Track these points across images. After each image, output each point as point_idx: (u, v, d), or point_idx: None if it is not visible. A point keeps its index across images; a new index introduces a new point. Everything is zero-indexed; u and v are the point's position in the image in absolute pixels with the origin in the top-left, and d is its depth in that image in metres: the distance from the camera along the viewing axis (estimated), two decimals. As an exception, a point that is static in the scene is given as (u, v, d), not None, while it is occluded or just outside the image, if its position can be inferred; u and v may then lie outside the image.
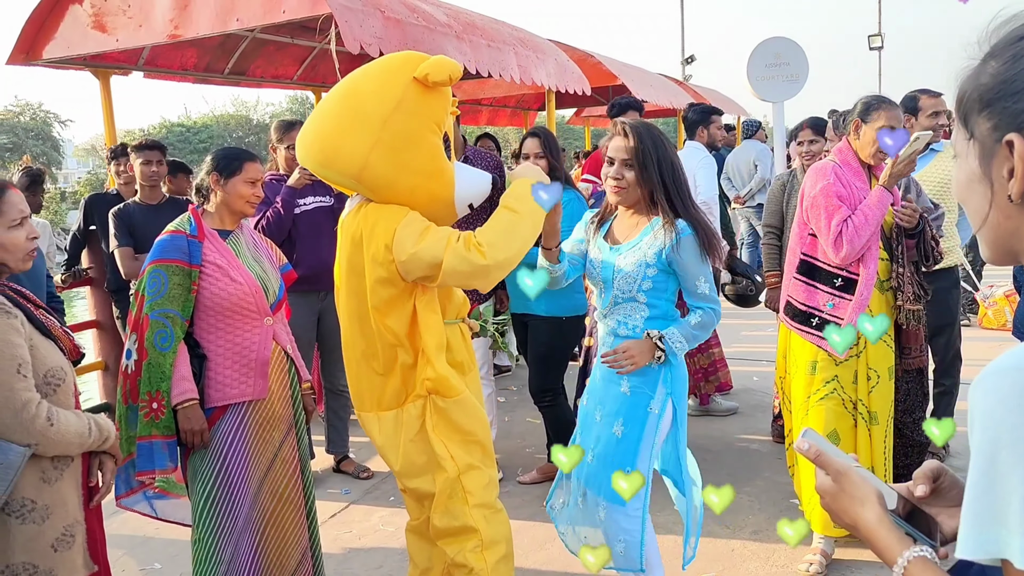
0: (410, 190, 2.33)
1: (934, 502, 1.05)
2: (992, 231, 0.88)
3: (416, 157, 2.30)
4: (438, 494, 2.43)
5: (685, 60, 28.16)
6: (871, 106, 3.09)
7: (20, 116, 36.70)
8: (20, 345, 1.96)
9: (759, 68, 7.46)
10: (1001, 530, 0.74)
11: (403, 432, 2.43)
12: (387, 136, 2.26)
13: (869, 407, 3.18)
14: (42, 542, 2.03)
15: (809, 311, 3.18)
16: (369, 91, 2.31)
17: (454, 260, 2.23)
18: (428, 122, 2.31)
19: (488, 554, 2.43)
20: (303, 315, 4.09)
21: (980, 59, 0.87)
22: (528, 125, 12.18)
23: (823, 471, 1.06)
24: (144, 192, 4.69)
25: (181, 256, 2.62)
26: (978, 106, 0.86)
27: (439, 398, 2.41)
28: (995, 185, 0.85)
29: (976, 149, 0.87)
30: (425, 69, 2.27)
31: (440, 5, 5.61)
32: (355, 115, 2.29)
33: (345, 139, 2.29)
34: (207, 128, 37.77)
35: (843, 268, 3.10)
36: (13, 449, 1.94)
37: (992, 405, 0.77)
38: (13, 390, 1.92)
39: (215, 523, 2.67)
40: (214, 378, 2.68)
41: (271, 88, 7.61)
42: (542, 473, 4.28)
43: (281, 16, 4.33)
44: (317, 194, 4.18)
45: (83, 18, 4.79)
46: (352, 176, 2.32)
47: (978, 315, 7.15)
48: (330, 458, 4.60)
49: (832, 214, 3.05)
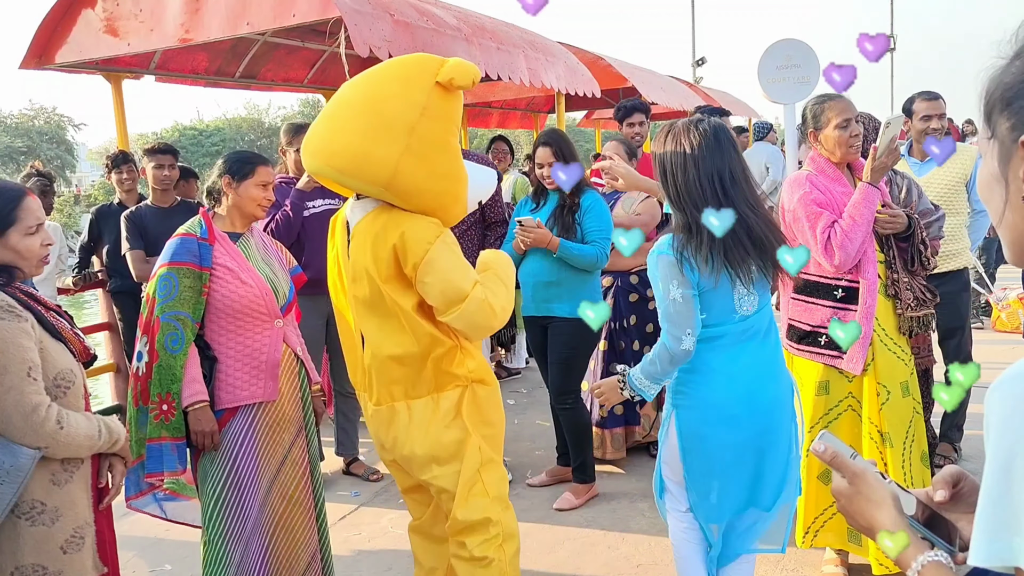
0: (437, 195, 2.33)
1: (953, 507, 1.04)
2: (1009, 231, 0.86)
3: (444, 162, 2.31)
4: (460, 486, 2.41)
5: (696, 62, 28.11)
6: (817, 112, 2.99)
7: (34, 120, 36.97)
8: (30, 348, 1.97)
9: (770, 70, 7.40)
10: (1015, 538, 0.73)
11: (439, 418, 2.42)
12: (415, 143, 2.25)
13: (880, 426, 2.97)
14: (51, 544, 2.04)
15: (814, 330, 3.00)
16: (392, 97, 2.27)
17: (469, 308, 2.28)
18: (451, 126, 2.33)
19: (507, 546, 2.44)
20: (312, 318, 4.11)
21: (1008, 58, 0.85)
22: (539, 128, 12.18)
23: (839, 474, 1.06)
24: (156, 195, 4.73)
25: (192, 259, 2.64)
26: (1000, 105, 0.84)
27: (480, 386, 2.46)
28: (1011, 186, 0.84)
29: (996, 149, 0.86)
30: (449, 73, 2.26)
31: (449, 8, 5.62)
32: (381, 122, 2.26)
33: (373, 147, 2.25)
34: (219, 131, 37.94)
35: (842, 277, 2.94)
36: (23, 452, 1.95)
37: (1008, 412, 0.76)
38: (23, 393, 1.94)
39: (225, 525, 2.68)
40: (224, 380, 2.69)
41: (281, 91, 7.64)
42: (552, 476, 4.28)
43: (291, 20, 4.35)
44: (326, 197, 4.19)
45: (95, 22, 4.83)
46: (382, 184, 2.28)
47: (991, 318, 7.10)
48: (339, 460, 4.61)
49: (815, 222, 2.89)
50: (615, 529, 3.73)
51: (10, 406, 1.93)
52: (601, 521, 3.81)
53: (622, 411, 4.39)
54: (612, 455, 4.38)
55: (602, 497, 4.07)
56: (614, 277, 4.36)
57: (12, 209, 2.04)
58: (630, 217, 4.26)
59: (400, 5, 4.73)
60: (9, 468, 1.94)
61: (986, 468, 0.78)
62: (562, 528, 3.74)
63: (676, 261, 2.30)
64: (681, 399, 2.46)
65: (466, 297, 2.25)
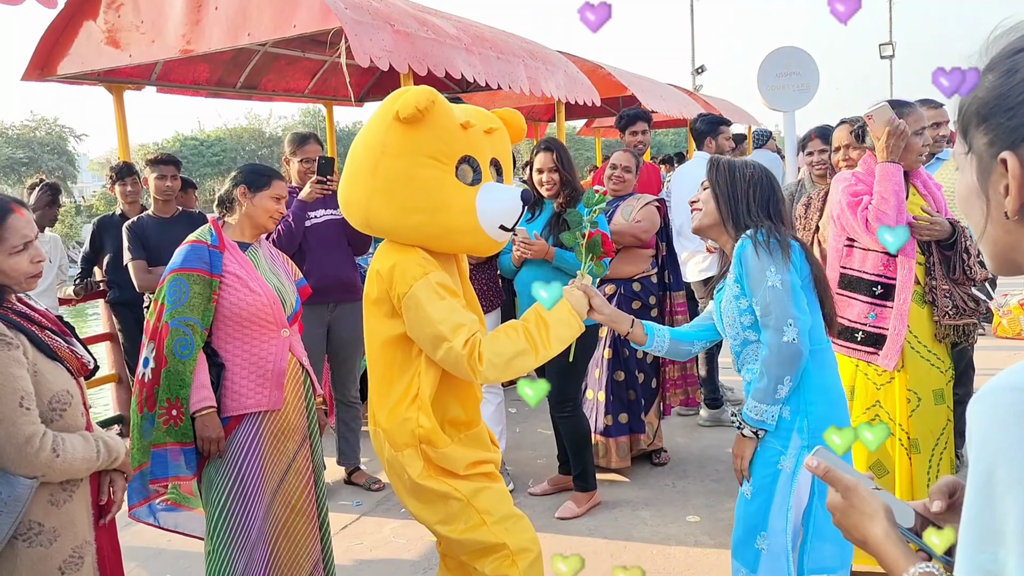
0: (414, 228, 2.29)
1: (951, 518, 1.03)
2: (991, 244, 0.87)
3: (410, 196, 2.26)
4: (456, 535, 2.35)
5: (696, 70, 28.21)
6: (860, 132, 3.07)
7: (36, 131, 37.07)
8: (22, 377, 1.93)
9: (770, 78, 7.45)
10: (999, 550, 0.73)
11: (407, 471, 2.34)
12: (379, 183, 2.26)
13: (909, 432, 2.97)
14: (49, 565, 2.01)
15: (852, 326, 3.06)
16: (362, 140, 2.34)
17: (449, 358, 2.21)
18: (417, 158, 2.25)
19: (520, 560, 2.42)
20: (313, 327, 4.11)
21: (980, 71, 0.86)
22: (539, 136, 12.20)
23: (833, 488, 1.06)
24: (158, 206, 4.74)
25: (202, 266, 2.65)
26: (976, 120, 0.85)
27: (429, 448, 2.33)
28: (991, 201, 0.84)
29: (974, 163, 0.86)
30: (395, 106, 2.23)
31: (449, 18, 5.64)
32: (352, 166, 2.34)
33: (350, 192, 2.35)
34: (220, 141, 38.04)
35: (882, 274, 2.98)
36: (20, 482, 1.93)
37: (989, 424, 0.76)
38: (16, 424, 1.90)
39: (229, 534, 2.67)
40: (231, 387, 2.69)
41: (282, 101, 7.66)
42: (553, 485, 4.27)
43: (292, 30, 4.37)
44: (327, 207, 4.20)
45: (97, 34, 4.85)
46: (363, 225, 2.37)
47: (992, 324, 7.10)
48: (341, 470, 4.60)
49: (855, 208, 2.98)
50: (617, 538, 3.72)
51: (3, 438, 1.90)
52: (604, 530, 3.81)
53: (627, 419, 4.38)
54: (617, 464, 4.37)
55: (605, 506, 4.07)
56: (617, 285, 4.36)
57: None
58: (630, 224, 4.27)
59: (400, 15, 4.75)
60: (7, 499, 1.92)
61: (968, 480, 0.78)
62: (564, 537, 3.73)
63: (778, 244, 2.23)
64: (802, 430, 2.25)
65: (443, 342, 2.20)
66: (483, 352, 2.19)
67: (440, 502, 2.35)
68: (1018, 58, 0.81)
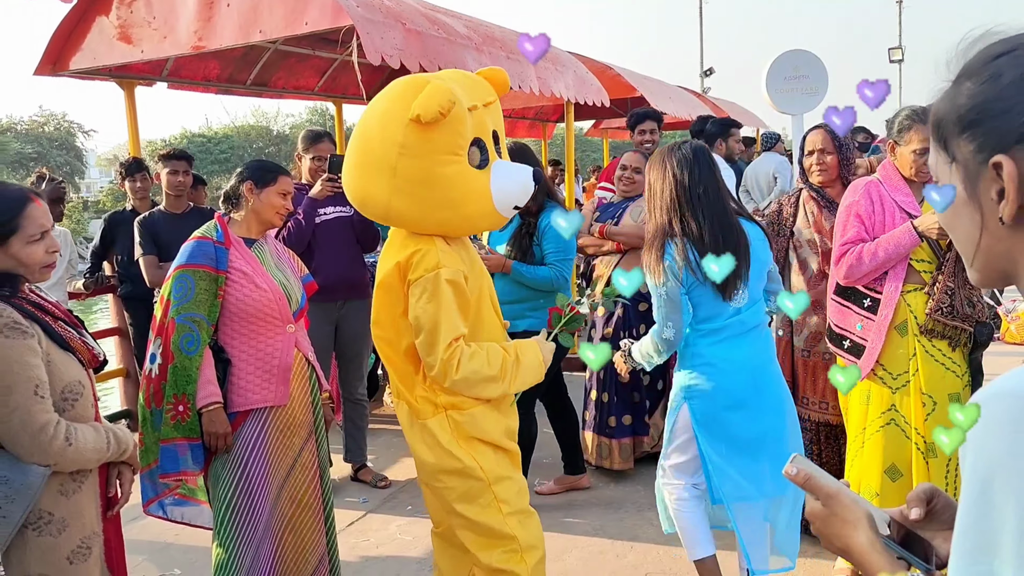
0: (439, 223, 2.32)
1: (928, 525, 1.01)
2: (983, 255, 0.85)
3: (434, 194, 2.27)
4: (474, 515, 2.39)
5: (704, 72, 28.19)
6: (904, 127, 2.95)
7: (44, 126, 37.15)
8: (36, 365, 1.95)
9: (778, 81, 7.44)
10: (994, 560, 0.72)
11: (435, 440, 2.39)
12: (400, 182, 2.25)
13: (926, 436, 2.92)
14: (58, 554, 2.03)
15: (842, 333, 3.07)
16: (375, 136, 2.29)
17: (429, 357, 2.27)
18: (438, 157, 2.25)
19: (528, 557, 2.43)
20: (321, 324, 4.12)
21: (952, 81, 0.85)
22: (547, 137, 12.22)
23: (813, 496, 1.03)
24: (169, 201, 4.75)
25: (208, 261, 2.66)
26: (957, 128, 0.83)
27: (456, 412, 2.37)
28: (984, 208, 0.83)
29: (960, 173, 0.85)
30: (416, 110, 2.18)
31: (460, 17, 5.65)
32: (368, 161, 2.30)
33: (367, 185, 2.32)
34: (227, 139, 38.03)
35: (874, 288, 2.98)
36: (33, 471, 1.94)
37: (985, 431, 0.74)
38: (30, 412, 1.92)
39: (236, 529, 2.69)
40: (237, 383, 2.70)
41: (292, 99, 7.67)
42: (560, 484, 4.27)
43: (303, 28, 4.38)
44: (337, 204, 4.21)
45: (109, 30, 4.87)
46: (382, 219, 2.38)
47: (1000, 330, 7.08)
48: (348, 467, 4.61)
49: (845, 232, 2.99)
50: (623, 538, 3.72)
51: (17, 425, 1.91)
52: (609, 530, 3.81)
53: (630, 421, 4.38)
54: (620, 465, 4.37)
55: (610, 506, 4.07)
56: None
57: (14, 216, 1.99)
58: (638, 225, 4.27)
59: (411, 14, 4.76)
60: (19, 486, 1.93)
61: (963, 490, 0.76)
62: (570, 536, 3.74)
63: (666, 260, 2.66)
64: (692, 391, 2.76)
65: (428, 335, 2.24)
66: (462, 363, 2.26)
67: (463, 477, 2.38)
68: (1000, 63, 0.80)
